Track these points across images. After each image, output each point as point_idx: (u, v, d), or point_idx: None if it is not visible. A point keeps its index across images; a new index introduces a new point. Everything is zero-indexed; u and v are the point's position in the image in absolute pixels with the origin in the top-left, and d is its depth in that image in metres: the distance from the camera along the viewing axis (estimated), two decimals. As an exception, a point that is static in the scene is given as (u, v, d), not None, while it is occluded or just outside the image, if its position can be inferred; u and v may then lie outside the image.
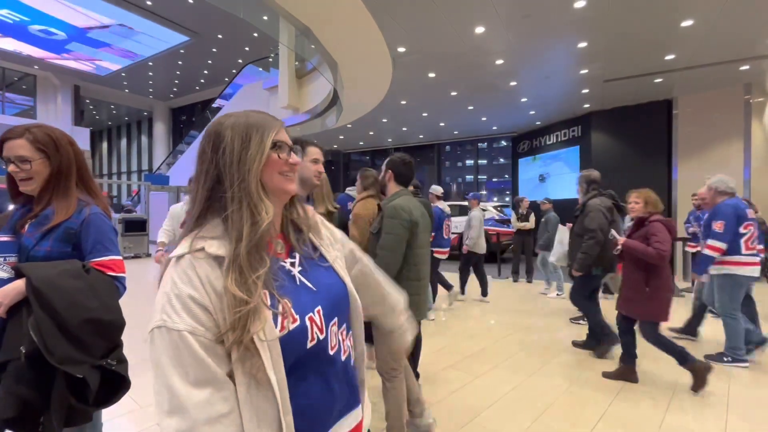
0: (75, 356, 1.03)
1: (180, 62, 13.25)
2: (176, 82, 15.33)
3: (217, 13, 9.21)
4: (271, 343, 0.60)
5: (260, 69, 11.91)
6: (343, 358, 0.74)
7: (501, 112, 9.59)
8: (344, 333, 0.76)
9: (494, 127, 11.41)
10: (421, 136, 13.03)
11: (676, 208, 8.04)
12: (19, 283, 1.07)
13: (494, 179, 13.43)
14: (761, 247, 3.22)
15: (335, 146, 14.97)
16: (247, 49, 11.95)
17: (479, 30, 5.30)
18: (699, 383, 2.65)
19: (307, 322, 0.66)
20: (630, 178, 8.10)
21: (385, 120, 10.46)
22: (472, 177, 13.66)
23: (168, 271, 0.63)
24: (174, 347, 0.57)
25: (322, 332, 0.69)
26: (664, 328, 3.25)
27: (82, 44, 11.65)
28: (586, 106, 8.76)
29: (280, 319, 0.62)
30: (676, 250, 6.61)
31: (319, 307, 0.70)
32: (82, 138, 13.79)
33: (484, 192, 13.60)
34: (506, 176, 12.84)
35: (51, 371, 1.04)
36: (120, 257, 1.27)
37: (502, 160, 13.10)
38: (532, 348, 3.59)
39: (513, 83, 7.40)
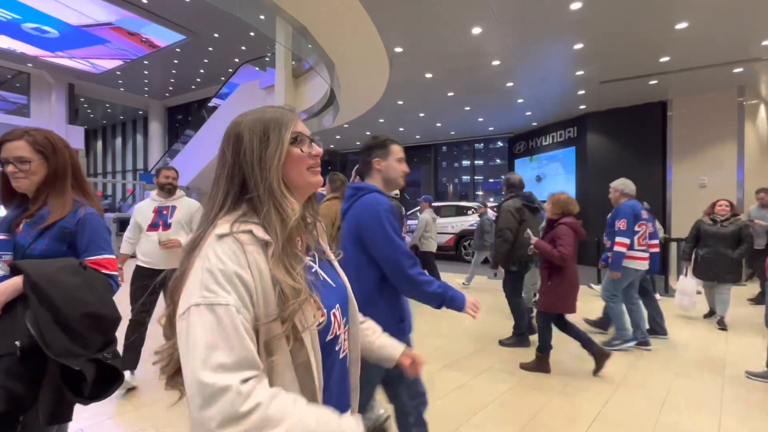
0: (73, 349, 1.06)
1: (176, 61, 13.16)
2: (172, 80, 15.23)
3: (213, 12, 9.16)
4: (312, 333, 0.63)
5: (257, 68, 11.87)
6: (341, 356, 0.75)
7: (497, 112, 9.62)
8: (346, 333, 0.77)
9: (491, 128, 11.44)
10: (417, 137, 13.05)
11: (671, 209, 8.10)
12: (16, 280, 1.09)
13: (491, 180, 13.46)
14: (654, 242, 3.98)
15: (332, 146, 14.95)
16: (243, 48, 11.90)
17: (476, 31, 5.31)
18: (599, 366, 3.00)
19: (332, 318, 0.69)
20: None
21: (381, 120, 10.46)
22: (469, 177, 13.69)
23: (208, 247, 0.60)
24: (218, 324, 0.53)
25: (340, 328, 0.72)
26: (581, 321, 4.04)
27: (76, 42, 11.56)
28: (582, 107, 8.81)
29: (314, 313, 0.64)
30: (670, 250, 6.66)
31: (338, 305, 0.73)
32: (76, 137, 13.65)
33: (480, 192, 13.64)
34: (503, 177, 12.88)
35: (41, 367, 1.07)
36: (113, 256, 1.31)
37: (498, 160, 13.14)
38: (527, 349, 3.60)
39: (509, 84, 7.42)
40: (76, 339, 1.07)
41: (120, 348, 1.26)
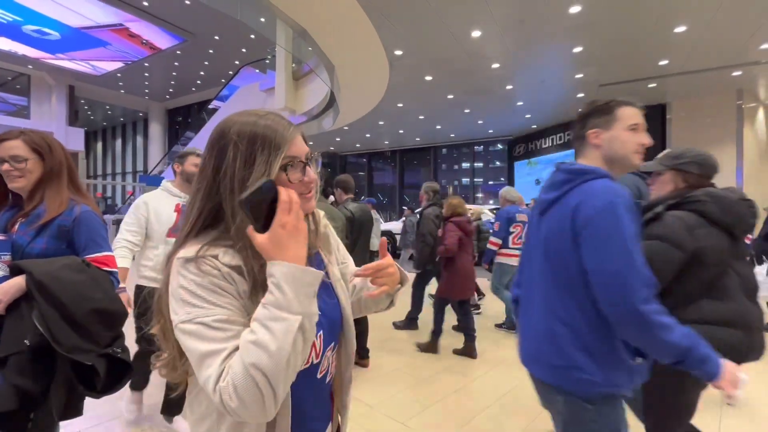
0: (82, 345, 1.08)
1: (176, 63, 13.20)
2: (172, 83, 15.27)
3: (213, 15, 9.19)
4: None
5: (257, 71, 11.91)
6: (327, 380, 0.72)
7: (497, 115, 9.65)
8: (334, 356, 0.73)
9: (490, 131, 11.47)
10: (417, 139, 13.07)
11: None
12: (18, 280, 1.09)
13: (490, 182, 13.48)
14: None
15: (332, 148, 14.97)
16: (244, 50, 11.93)
17: (476, 34, 5.33)
18: (463, 352, 3.40)
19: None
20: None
21: (381, 122, 10.48)
22: (468, 180, 13.70)
23: (174, 272, 0.58)
24: (199, 336, 0.53)
25: (318, 357, 0.67)
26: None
27: (76, 44, 11.59)
28: (581, 110, 8.83)
29: None
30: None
31: (321, 332, 0.67)
32: (76, 138, 13.67)
33: (480, 195, 13.65)
34: (502, 179, 12.90)
35: (52, 364, 1.09)
36: (112, 253, 1.32)
37: (498, 163, 13.16)
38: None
39: (509, 87, 7.45)
40: (85, 335, 1.09)
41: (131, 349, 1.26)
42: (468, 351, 3.40)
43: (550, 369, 1.03)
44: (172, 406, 2.10)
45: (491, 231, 4.25)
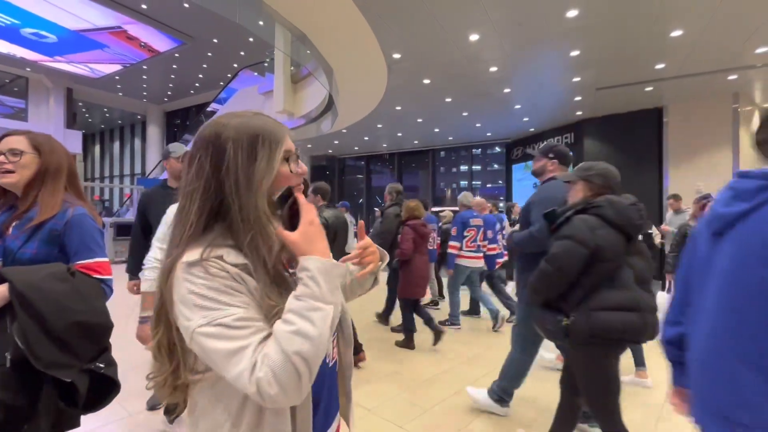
0: (62, 360, 1.02)
1: (175, 66, 13.20)
2: (171, 85, 15.26)
3: (212, 18, 9.21)
4: None
5: (255, 74, 11.92)
6: (330, 365, 0.74)
7: (495, 118, 9.67)
8: (334, 342, 0.76)
9: (488, 134, 11.50)
10: (415, 142, 13.09)
11: (667, 214, 8.13)
12: (2, 289, 1.05)
13: (488, 185, 13.50)
14: (492, 246, 4.62)
15: (330, 151, 14.98)
16: (242, 53, 11.95)
17: (473, 37, 5.36)
18: (436, 340, 3.64)
19: None
20: (622, 184, 8.20)
21: (380, 125, 10.49)
22: (467, 183, 13.71)
23: (179, 278, 0.58)
24: (220, 336, 0.55)
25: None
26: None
27: (74, 47, 11.58)
28: (579, 113, 8.87)
29: None
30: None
31: None
32: (74, 141, 13.62)
33: (478, 197, 13.64)
34: (500, 182, 12.92)
35: (38, 376, 1.03)
36: (106, 259, 1.25)
37: (496, 166, 13.19)
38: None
39: (507, 90, 7.47)
40: (65, 349, 1.03)
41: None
42: (407, 343, 3.72)
43: (741, 429, 0.80)
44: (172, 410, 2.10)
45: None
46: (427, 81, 7.05)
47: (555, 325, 1.59)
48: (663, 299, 3.46)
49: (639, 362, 3.03)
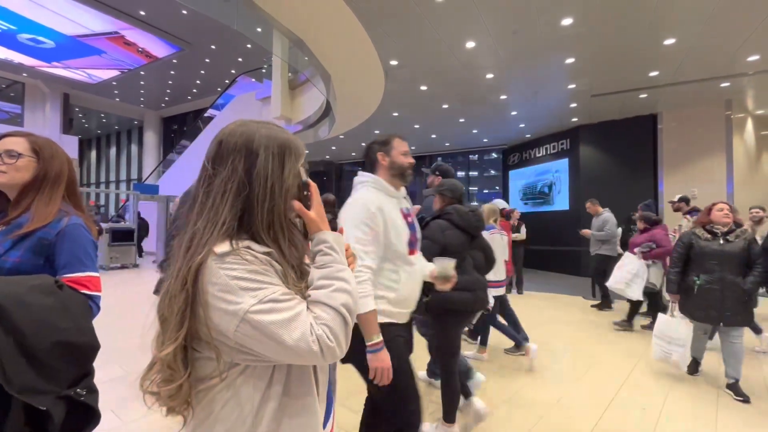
0: (38, 386, 0.89)
1: (172, 72, 13.23)
2: (168, 91, 15.28)
3: (210, 24, 9.25)
4: None
5: (253, 80, 11.95)
6: None
7: (492, 124, 9.73)
8: None
9: (485, 140, 11.56)
10: (413, 148, 13.06)
11: (662, 220, 8.18)
12: None
13: (485, 190, 13.55)
14: None
15: (327, 157, 15.00)
16: (240, 59, 11.99)
17: (470, 45, 5.41)
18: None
19: None
20: (618, 190, 8.27)
21: (377, 131, 10.53)
22: (464, 188, 13.76)
23: (213, 270, 0.61)
24: (273, 309, 0.60)
25: None
26: None
27: (72, 52, 11.58)
28: (575, 119, 8.95)
29: None
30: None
31: None
32: (70, 146, 13.57)
33: (475, 203, 13.69)
34: (497, 188, 12.97)
35: (5, 399, 0.90)
36: (97, 274, 1.16)
37: (492, 171, 13.25)
38: (523, 359, 3.58)
39: (503, 97, 7.53)
40: (43, 372, 0.90)
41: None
42: None
43: None
44: None
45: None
46: (424, 87, 7.10)
47: (419, 303, 1.90)
48: (670, 327, 3.13)
49: (483, 342, 3.65)
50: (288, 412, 0.65)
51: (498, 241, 3.54)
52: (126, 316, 4.45)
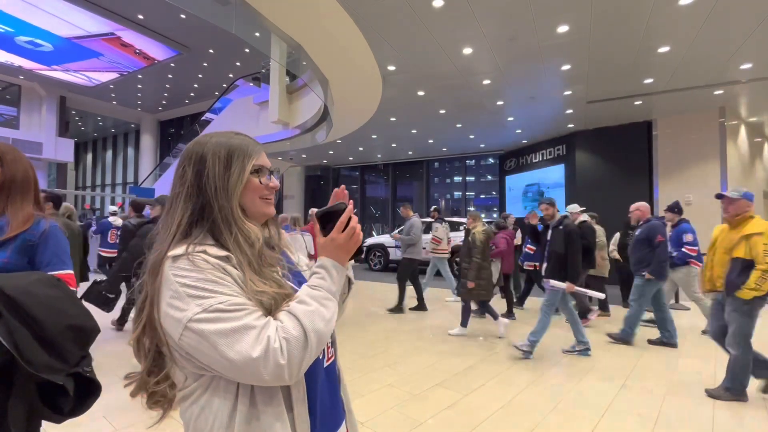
0: (53, 364, 1.01)
1: (170, 75, 13.23)
2: (165, 95, 15.27)
3: (209, 29, 9.27)
4: None
5: (251, 84, 11.98)
6: (326, 364, 0.77)
7: (488, 130, 9.79)
8: (328, 343, 0.79)
9: (482, 145, 11.62)
10: (410, 153, 13.17)
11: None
12: None
13: (482, 196, 13.59)
14: None
15: (325, 161, 15.01)
16: (238, 64, 12.02)
17: (467, 51, 5.45)
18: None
19: None
20: (613, 196, 8.32)
21: (374, 136, 10.56)
22: (460, 193, 13.80)
23: (167, 273, 0.62)
24: (217, 320, 0.58)
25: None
26: None
27: (70, 55, 11.57)
28: (571, 125, 9.01)
29: None
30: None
31: None
32: (66, 149, 13.51)
33: (472, 208, 13.72)
34: (493, 193, 13.02)
35: (8, 383, 1.01)
36: (72, 272, 1.28)
37: (489, 177, 13.30)
38: (520, 364, 3.58)
39: (500, 103, 7.59)
40: (54, 353, 1.03)
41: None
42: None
43: None
44: None
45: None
46: (421, 93, 7.14)
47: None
48: None
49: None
50: (255, 426, 0.63)
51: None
52: (112, 317, 4.41)
